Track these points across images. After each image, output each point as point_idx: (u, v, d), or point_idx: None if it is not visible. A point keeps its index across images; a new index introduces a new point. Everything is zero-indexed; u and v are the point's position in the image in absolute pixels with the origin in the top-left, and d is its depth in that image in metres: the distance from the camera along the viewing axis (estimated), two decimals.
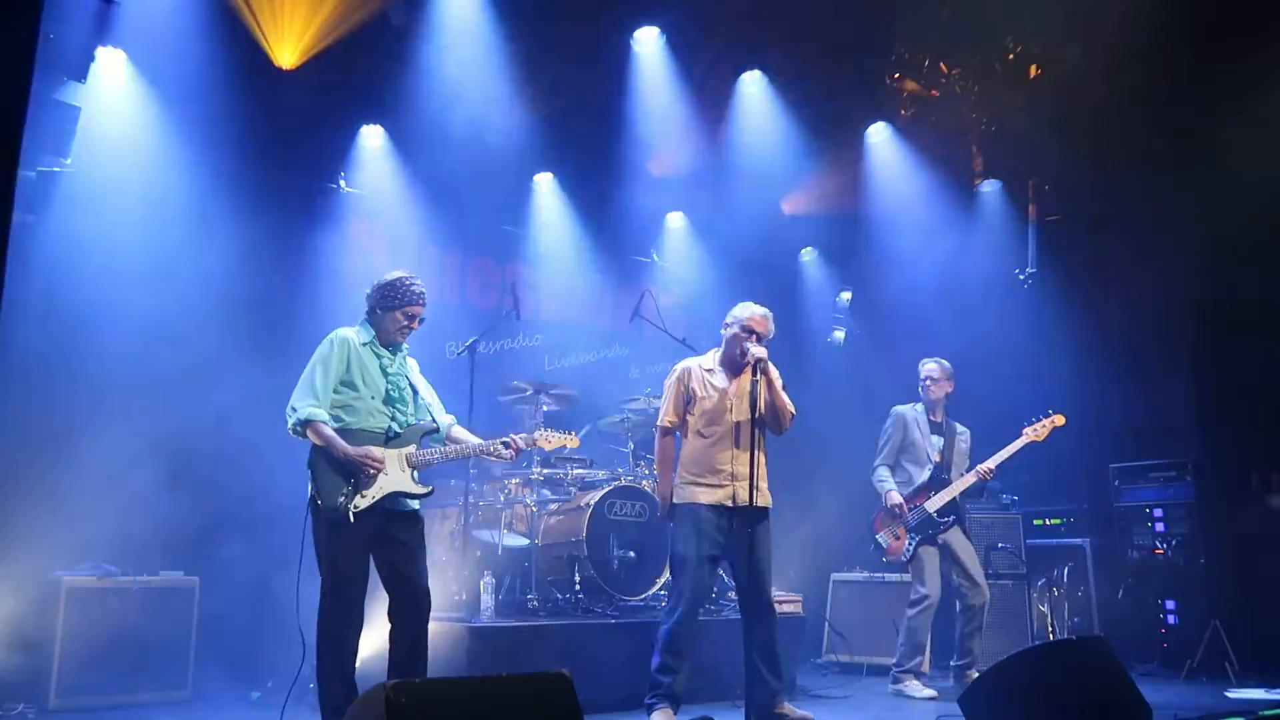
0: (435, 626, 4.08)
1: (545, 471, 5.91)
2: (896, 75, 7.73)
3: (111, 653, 4.97)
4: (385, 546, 3.97)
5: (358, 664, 3.93)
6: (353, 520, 3.87)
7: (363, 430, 4.00)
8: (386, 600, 3.97)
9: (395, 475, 3.99)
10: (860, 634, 6.58)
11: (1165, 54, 6.40)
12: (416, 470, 4.05)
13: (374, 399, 4.05)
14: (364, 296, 4.19)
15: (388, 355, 4.13)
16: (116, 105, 5.75)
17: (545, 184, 7.74)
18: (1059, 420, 5.65)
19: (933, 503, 5.66)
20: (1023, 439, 5.64)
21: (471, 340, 5.48)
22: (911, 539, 5.68)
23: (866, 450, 6.07)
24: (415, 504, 4.09)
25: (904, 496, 5.72)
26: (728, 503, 4.48)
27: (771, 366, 4.55)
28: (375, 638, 4.16)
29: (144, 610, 5.13)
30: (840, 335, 8.60)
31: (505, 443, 4.22)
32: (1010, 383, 7.09)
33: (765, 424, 4.58)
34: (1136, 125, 6.77)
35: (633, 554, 5.62)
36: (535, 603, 5.51)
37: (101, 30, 5.50)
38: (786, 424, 4.61)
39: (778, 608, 4.63)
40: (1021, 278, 7.88)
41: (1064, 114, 7.32)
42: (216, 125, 5.91)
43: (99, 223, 5.52)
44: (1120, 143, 6.92)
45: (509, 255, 7.68)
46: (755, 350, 4.45)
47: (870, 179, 8.17)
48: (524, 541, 5.84)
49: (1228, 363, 6.70)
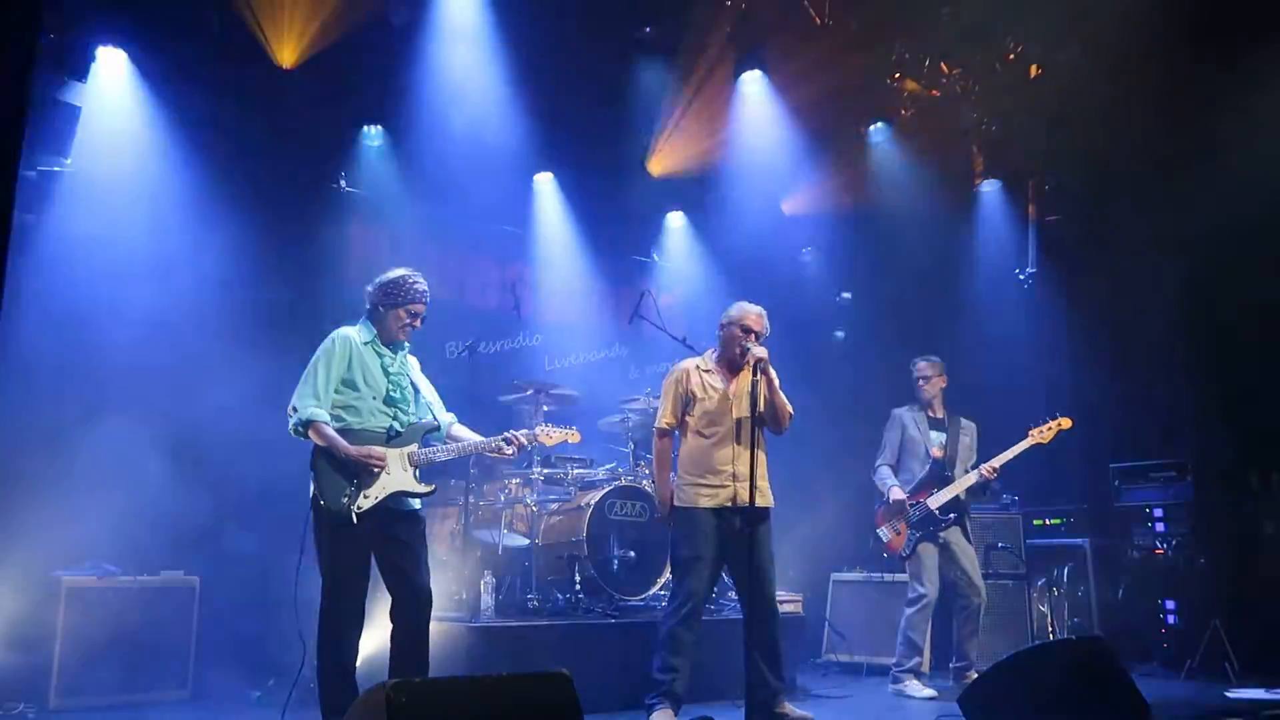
0: (436, 626, 4.08)
1: (545, 471, 5.91)
2: (896, 75, 7.72)
3: (111, 652, 4.95)
4: (387, 546, 3.96)
5: (358, 663, 3.93)
6: (355, 520, 3.86)
7: (364, 430, 3.99)
8: (387, 600, 3.97)
9: (398, 474, 3.98)
10: (860, 634, 6.57)
11: (1165, 54, 6.39)
12: (418, 469, 4.04)
13: (375, 399, 4.04)
14: (365, 294, 4.17)
15: (389, 354, 4.12)
16: (116, 105, 5.74)
17: (545, 184, 7.73)
18: (1065, 423, 5.60)
19: (935, 499, 5.66)
20: (1028, 440, 5.61)
21: (472, 340, 5.48)
22: (912, 534, 5.67)
23: (866, 450, 6.07)
24: (417, 503, 4.09)
25: (906, 493, 5.73)
26: (728, 503, 4.47)
27: (769, 366, 4.54)
28: (376, 637, 4.15)
29: (144, 610, 5.12)
30: (840, 335, 8.60)
31: (507, 439, 4.22)
32: (1010, 383, 7.09)
33: (765, 423, 4.58)
34: (1136, 125, 6.77)
35: (633, 554, 5.63)
36: (536, 603, 5.50)
37: (102, 30, 5.50)
38: (786, 424, 4.61)
39: (778, 607, 4.62)
40: (1021, 278, 7.89)
41: (1064, 114, 7.32)
42: (216, 125, 5.91)
43: (99, 222, 5.51)
44: (1120, 143, 6.92)
45: (509, 255, 7.67)
46: (756, 350, 4.44)
47: (870, 179, 8.16)
48: (524, 541, 5.84)
49: (1228, 363, 6.70)
